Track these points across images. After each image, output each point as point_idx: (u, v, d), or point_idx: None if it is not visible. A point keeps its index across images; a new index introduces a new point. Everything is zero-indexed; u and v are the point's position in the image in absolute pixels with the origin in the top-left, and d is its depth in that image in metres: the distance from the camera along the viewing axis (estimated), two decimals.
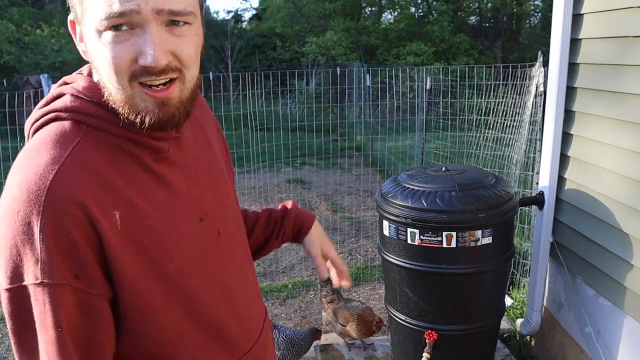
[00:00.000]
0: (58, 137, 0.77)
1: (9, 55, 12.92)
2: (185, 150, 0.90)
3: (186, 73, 0.78)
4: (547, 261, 2.66)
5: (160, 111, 0.77)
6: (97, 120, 0.79)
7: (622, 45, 2.07)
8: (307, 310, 3.60)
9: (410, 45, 13.82)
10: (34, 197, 0.71)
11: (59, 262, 0.71)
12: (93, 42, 0.75)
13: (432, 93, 5.76)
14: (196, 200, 0.89)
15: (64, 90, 0.82)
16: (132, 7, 0.70)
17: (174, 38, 0.75)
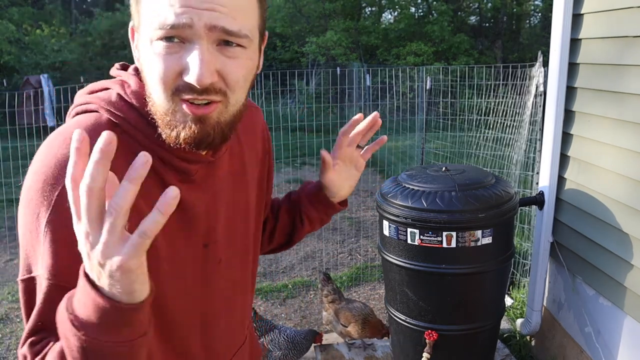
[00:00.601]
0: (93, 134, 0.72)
1: (9, 55, 12.92)
2: (217, 173, 0.88)
3: (230, 97, 0.75)
4: (547, 261, 2.66)
5: (196, 127, 0.74)
6: (133, 128, 0.78)
7: (622, 45, 2.07)
8: (307, 310, 3.60)
9: (410, 45, 13.82)
10: (47, 190, 0.70)
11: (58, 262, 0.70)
12: (145, 50, 0.73)
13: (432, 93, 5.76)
14: (209, 227, 0.87)
15: (113, 87, 0.81)
16: (185, 20, 0.68)
17: (223, 58, 0.73)
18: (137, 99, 0.78)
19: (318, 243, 4.77)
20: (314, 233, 4.96)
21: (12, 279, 4.25)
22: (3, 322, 3.56)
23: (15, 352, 3.18)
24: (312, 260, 4.42)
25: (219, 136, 0.77)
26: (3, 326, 3.50)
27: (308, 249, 4.65)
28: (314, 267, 4.30)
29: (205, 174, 0.85)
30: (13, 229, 5.28)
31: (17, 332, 3.41)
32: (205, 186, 0.86)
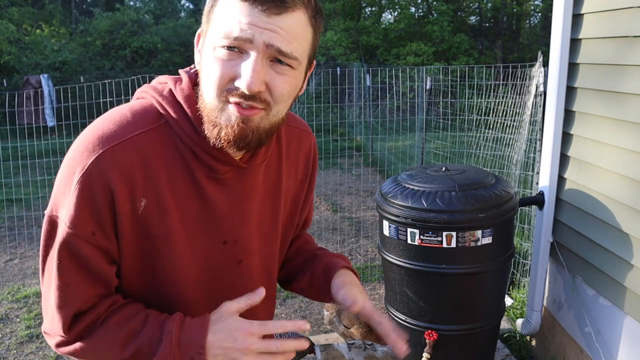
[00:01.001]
0: (139, 117, 0.88)
1: (9, 55, 12.92)
2: (247, 181, 0.95)
3: (273, 107, 0.84)
4: (547, 261, 2.66)
5: (237, 127, 0.83)
6: (174, 122, 0.88)
7: (622, 45, 2.07)
8: (307, 310, 3.60)
9: (410, 45, 13.82)
10: (86, 154, 0.84)
11: (81, 214, 0.84)
12: (208, 55, 0.84)
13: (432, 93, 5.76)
14: (231, 226, 0.95)
15: (169, 81, 0.92)
16: (248, 35, 0.79)
17: (273, 72, 0.82)
18: (183, 96, 0.89)
19: (318, 243, 4.76)
20: (314, 233, 4.96)
21: (12, 279, 4.25)
22: (3, 322, 3.56)
23: (15, 352, 3.18)
24: None
25: (256, 140, 0.85)
26: (3, 326, 3.50)
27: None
28: None
29: (236, 178, 0.93)
30: (13, 229, 5.28)
31: (17, 332, 3.41)
32: (234, 189, 0.94)
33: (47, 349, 3.20)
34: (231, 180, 0.92)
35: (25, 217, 5.33)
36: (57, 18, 18.46)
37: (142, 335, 0.87)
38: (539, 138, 3.03)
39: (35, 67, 13.63)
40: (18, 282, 4.18)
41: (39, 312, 3.64)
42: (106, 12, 16.73)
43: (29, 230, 5.07)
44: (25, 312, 3.67)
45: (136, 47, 14.90)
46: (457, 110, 5.59)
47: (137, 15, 16.07)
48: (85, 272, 0.87)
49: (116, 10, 16.20)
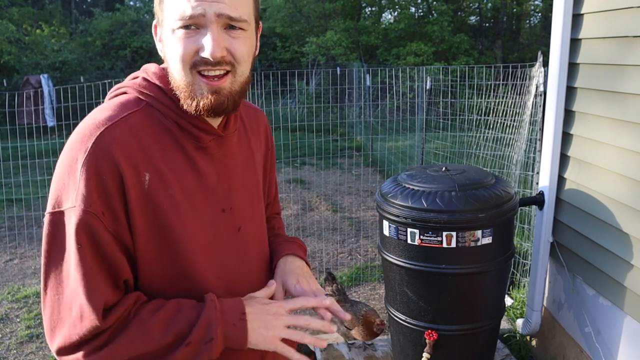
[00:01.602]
0: (121, 104, 0.95)
1: (9, 55, 12.91)
2: (226, 150, 1.03)
3: (237, 68, 0.94)
4: (547, 261, 2.66)
5: (212, 97, 0.92)
6: (156, 101, 0.96)
7: (622, 45, 2.07)
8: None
9: (410, 45, 13.81)
10: (85, 140, 0.88)
11: (92, 195, 0.86)
12: (168, 39, 0.93)
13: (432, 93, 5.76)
14: (223, 194, 1.02)
15: (138, 74, 1.01)
16: (199, 11, 0.88)
17: (229, 38, 0.92)
18: (158, 78, 0.98)
19: (318, 243, 4.77)
20: (314, 233, 4.96)
21: (12, 279, 4.25)
22: (3, 322, 3.56)
23: (15, 352, 3.19)
24: (312, 260, 4.42)
25: (232, 104, 0.95)
26: (3, 326, 3.50)
27: (308, 249, 4.65)
28: (314, 267, 4.30)
29: (216, 147, 1.01)
30: (13, 229, 5.28)
31: (17, 332, 3.41)
32: (217, 158, 1.01)
33: (47, 349, 3.20)
34: (214, 149, 1.00)
35: (25, 217, 5.33)
36: (57, 18, 18.46)
37: (180, 317, 0.90)
38: (539, 138, 3.03)
39: (35, 67, 13.62)
40: (18, 282, 4.18)
41: (39, 312, 3.64)
42: (106, 12, 16.72)
43: (29, 230, 5.07)
44: (25, 312, 3.67)
45: (136, 47, 14.90)
46: (457, 110, 5.59)
47: (137, 15, 16.07)
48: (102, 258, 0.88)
49: (116, 10, 16.20)
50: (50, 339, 0.89)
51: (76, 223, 0.86)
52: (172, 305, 0.92)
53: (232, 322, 0.92)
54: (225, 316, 0.92)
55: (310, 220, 5.36)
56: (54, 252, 0.88)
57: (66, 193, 0.87)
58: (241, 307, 0.94)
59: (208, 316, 0.90)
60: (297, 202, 5.93)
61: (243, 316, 0.93)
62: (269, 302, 0.98)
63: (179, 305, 0.92)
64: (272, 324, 0.94)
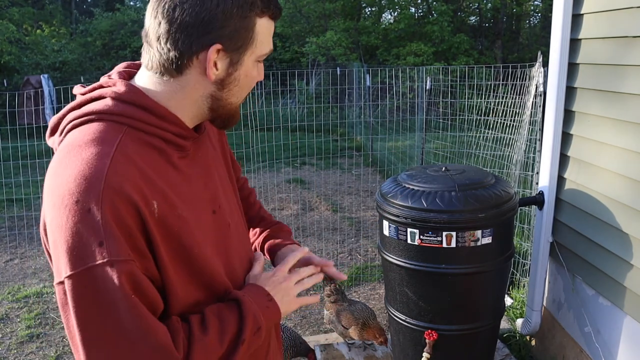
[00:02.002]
0: (102, 135, 0.87)
1: (9, 55, 12.91)
2: (203, 150, 1.04)
3: None
4: (547, 261, 2.66)
5: None
6: (137, 122, 0.90)
7: (622, 46, 2.07)
8: (307, 310, 3.60)
9: (410, 46, 13.81)
10: (92, 186, 0.80)
11: (121, 242, 0.80)
12: (251, 66, 0.97)
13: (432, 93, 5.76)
14: (211, 195, 1.03)
15: (103, 94, 0.92)
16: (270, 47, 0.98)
17: None
18: (133, 97, 0.91)
19: (318, 243, 4.77)
20: (314, 233, 4.96)
21: (12, 278, 4.25)
22: (3, 322, 3.56)
23: (15, 351, 3.19)
24: None
25: None
26: (3, 326, 3.50)
27: (308, 249, 4.65)
28: None
29: (195, 150, 1.01)
30: (13, 229, 5.28)
31: (17, 332, 3.41)
32: (198, 161, 1.02)
33: (47, 349, 3.20)
34: (194, 153, 1.00)
35: (25, 217, 5.34)
36: (58, 18, 18.46)
37: (227, 323, 0.94)
38: (539, 138, 3.03)
39: (35, 67, 13.63)
40: (18, 282, 4.18)
41: (39, 312, 3.65)
42: (106, 12, 16.73)
43: (29, 230, 5.07)
44: (26, 312, 3.67)
45: (136, 47, 14.89)
46: (457, 110, 5.60)
47: (137, 15, 16.06)
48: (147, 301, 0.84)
49: (116, 10, 16.21)
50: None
51: (118, 275, 0.78)
52: (212, 316, 0.94)
53: (266, 305, 1.01)
54: (259, 304, 0.99)
55: (310, 220, 5.36)
56: (91, 315, 0.79)
57: (88, 249, 0.79)
58: (264, 291, 1.03)
59: (250, 311, 0.97)
60: (297, 202, 5.93)
61: (269, 296, 1.02)
62: (273, 273, 1.08)
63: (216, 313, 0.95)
64: (288, 289, 1.06)
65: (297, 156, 7.70)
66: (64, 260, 0.79)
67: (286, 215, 5.55)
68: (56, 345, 3.24)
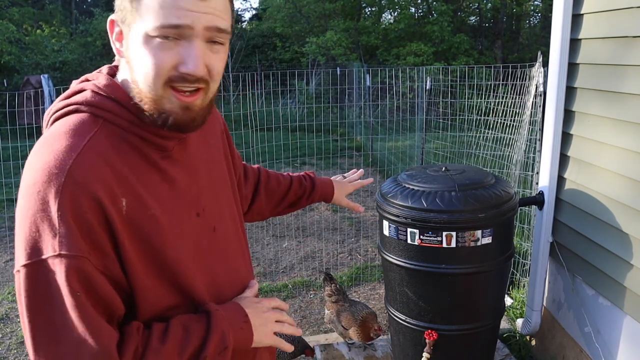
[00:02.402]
0: (77, 127, 0.85)
1: (9, 55, 12.91)
2: (189, 150, 0.99)
3: (211, 86, 0.88)
4: (547, 261, 2.66)
5: (183, 114, 0.86)
6: (113, 116, 0.87)
7: (622, 46, 2.07)
8: (307, 310, 3.60)
9: (410, 46, 13.81)
10: (54, 178, 0.78)
11: (76, 237, 0.78)
12: (137, 44, 0.83)
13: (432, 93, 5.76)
14: (194, 197, 0.97)
15: (85, 86, 0.91)
16: (187, 22, 0.80)
17: (210, 54, 0.86)
18: (111, 90, 0.88)
19: (318, 243, 4.77)
20: (313, 233, 4.96)
21: (12, 278, 4.25)
22: (3, 322, 3.56)
23: (15, 351, 3.19)
24: (312, 260, 4.43)
25: (201, 120, 0.91)
26: (3, 326, 3.51)
27: (308, 249, 4.66)
28: (314, 267, 4.30)
29: (179, 150, 0.96)
30: (13, 229, 5.27)
31: (17, 332, 3.41)
32: (183, 161, 0.96)
33: None
34: (178, 153, 0.95)
35: None
36: (58, 18, 18.45)
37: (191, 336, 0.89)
38: (539, 138, 3.03)
39: (35, 67, 13.63)
40: None
41: None
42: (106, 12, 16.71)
43: None
44: None
45: None
46: (457, 110, 5.59)
47: None
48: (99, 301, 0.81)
49: None
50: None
51: (66, 271, 0.76)
52: (177, 327, 0.89)
53: (239, 326, 0.95)
54: (232, 322, 0.94)
55: (310, 220, 5.37)
56: (39, 307, 0.78)
57: (43, 241, 0.77)
58: (242, 311, 0.97)
59: (219, 327, 0.91)
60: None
61: (246, 318, 0.97)
62: (259, 301, 1.02)
63: (182, 324, 0.90)
64: (267, 320, 1.00)
65: (297, 156, 7.70)
66: (20, 249, 0.80)
67: (286, 215, 5.55)
68: None
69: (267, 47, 16.86)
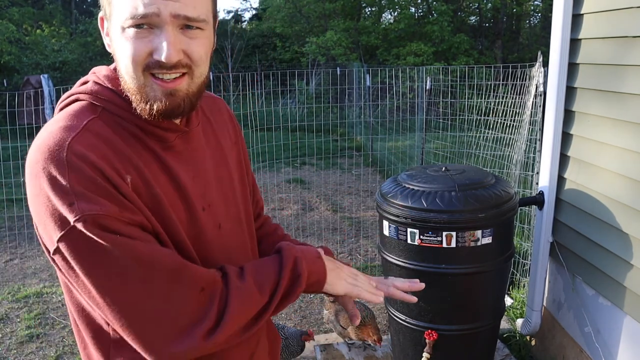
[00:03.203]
0: (75, 112, 0.87)
1: (9, 55, 12.91)
2: (193, 144, 0.98)
3: (195, 70, 0.88)
4: (547, 261, 2.66)
5: (167, 100, 0.86)
6: (112, 105, 0.89)
7: (622, 46, 2.07)
8: (307, 310, 3.60)
9: (410, 46, 13.82)
10: (55, 153, 0.80)
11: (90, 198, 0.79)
12: (117, 37, 0.85)
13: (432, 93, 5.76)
14: (200, 192, 0.97)
15: (88, 78, 0.94)
16: (153, 10, 0.81)
17: (186, 39, 0.86)
18: (109, 81, 0.91)
19: (318, 243, 4.77)
20: (314, 233, 4.96)
21: (12, 278, 4.25)
22: (3, 322, 3.56)
23: (15, 352, 3.19)
24: None
25: (188, 106, 0.90)
26: (3, 326, 3.50)
27: None
28: None
29: (183, 144, 0.96)
30: (13, 229, 5.28)
31: (17, 332, 3.41)
32: (186, 155, 0.96)
33: (47, 349, 3.20)
34: (180, 147, 0.95)
35: (25, 217, 5.33)
36: (58, 18, 18.45)
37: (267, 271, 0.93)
38: (539, 138, 3.04)
39: (35, 67, 13.63)
40: (18, 282, 4.18)
41: (39, 312, 3.65)
42: None
43: (29, 230, 5.07)
44: (26, 312, 3.67)
45: None
46: (457, 110, 5.60)
47: None
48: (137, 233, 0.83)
49: None
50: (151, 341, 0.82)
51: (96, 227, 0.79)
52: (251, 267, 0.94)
53: (312, 260, 0.98)
54: (305, 254, 0.97)
55: (310, 220, 5.37)
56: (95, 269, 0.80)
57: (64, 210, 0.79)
58: (316, 251, 1.00)
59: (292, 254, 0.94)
60: (297, 202, 5.93)
61: (319, 256, 1.00)
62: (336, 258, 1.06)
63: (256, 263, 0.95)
64: (341, 270, 1.02)
65: (297, 156, 7.70)
66: (51, 226, 0.80)
67: (286, 215, 5.55)
68: (56, 345, 3.24)
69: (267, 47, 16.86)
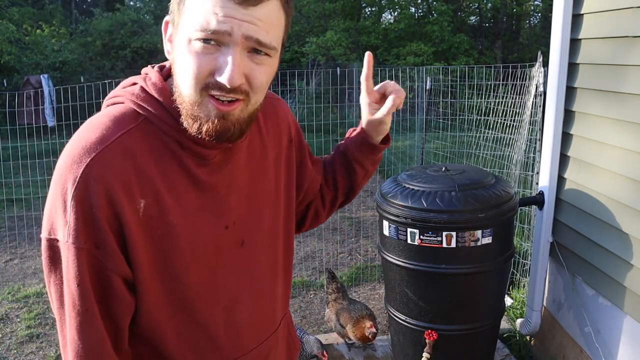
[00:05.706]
0: (116, 119, 0.85)
1: (9, 55, 12.90)
2: (235, 158, 0.94)
3: (252, 97, 0.84)
4: (547, 261, 2.66)
5: (218, 122, 0.82)
6: (154, 116, 0.86)
7: (622, 46, 2.07)
8: (307, 310, 3.60)
9: (410, 46, 13.82)
10: (75, 168, 0.80)
11: (81, 230, 0.80)
12: (181, 47, 0.82)
13: (432, 93, 5.76)
14: (228, 208, 0.93)
15: (137, 80, 0.90)
16: (226, 28, 0.77)
17: (252, 64, 0.81)
18: (156, 90, 0.87)
19: (318, 243, 4.77)
20: (313, 233, 4.96)
21: (12, 278, 4.25)
22: (3, 322, 3.56)
23: (15, 352, 3.19)
24: (312, 260, 4.43)
25: (238, 132, 0.85)
26: (3, 326, 3.50)
27: (308, 249, 4.66)
28: (314, 267, 4.30)
29: (223, 159, 0.91)
30: (13, 229, 5.28)
31: (17, 332, 3.41)
32: (225, 170, 0.92)
33: (47, 349, 3.20)
34: (219, 163, 0.91)
35: (25, 217, 5.33)
36: (58, 18, 18.45)
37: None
38: (539, 138, 3.03)
39: (35, 67, 13.62)
40: (18, 282, 4.18)
41: (39, 312, 3.65)
42: (106, 12, 16.71)
43: (29, 230, 5.07)
44: (26, 312, 3.67)
45: (136, 47, 14.88)
46: (457, 110, 5.60)
47: (137, 16, 16.05)
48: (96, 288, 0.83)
49: (116, 10, 16.19)
50: None
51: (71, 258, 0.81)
52: None
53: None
54: None
55: None
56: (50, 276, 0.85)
57: (57, 223, 0.82)
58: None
59: None
60: None
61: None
62: None
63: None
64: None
65: None
66: (45, 221, 0.84)
67: None
68: (56, 345, 3.24)
69: None
